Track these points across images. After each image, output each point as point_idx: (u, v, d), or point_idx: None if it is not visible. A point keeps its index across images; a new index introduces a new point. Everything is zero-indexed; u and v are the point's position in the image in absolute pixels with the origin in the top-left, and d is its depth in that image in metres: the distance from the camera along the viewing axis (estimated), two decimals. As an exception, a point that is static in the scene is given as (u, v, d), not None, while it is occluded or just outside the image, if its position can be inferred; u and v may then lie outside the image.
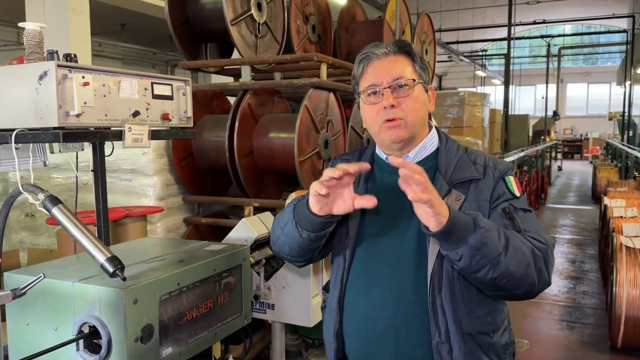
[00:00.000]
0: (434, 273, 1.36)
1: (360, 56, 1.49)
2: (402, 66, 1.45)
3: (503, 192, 1.44)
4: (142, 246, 1.94)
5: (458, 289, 1.37)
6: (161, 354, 1.52)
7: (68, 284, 1.47)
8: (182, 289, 1.60)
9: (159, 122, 1.78)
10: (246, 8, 3.68)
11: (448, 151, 1.50)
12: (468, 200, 1.41)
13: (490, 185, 1.44)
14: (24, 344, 1.55)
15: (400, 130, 1.43)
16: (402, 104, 1.42)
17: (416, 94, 1.44)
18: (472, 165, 1.47)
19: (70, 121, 1.50)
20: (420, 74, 1.46)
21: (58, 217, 1.48)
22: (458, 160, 1.48)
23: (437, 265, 1.36)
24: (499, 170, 1.48)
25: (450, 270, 1.36)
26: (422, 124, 1.47)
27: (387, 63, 1.45)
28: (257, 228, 2.28)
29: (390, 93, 1.42)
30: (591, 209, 11.33)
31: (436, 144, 1.52)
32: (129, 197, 3.72)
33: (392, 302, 1.41)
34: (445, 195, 1.40)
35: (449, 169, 1.45)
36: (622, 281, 4.06)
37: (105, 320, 1.42)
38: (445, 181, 1.43)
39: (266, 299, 2.27)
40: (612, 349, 4.23)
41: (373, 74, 1.45)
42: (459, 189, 1.42)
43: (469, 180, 1.43)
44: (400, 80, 1.42)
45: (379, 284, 1.43)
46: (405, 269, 1.41)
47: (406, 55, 1.47)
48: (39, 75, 1.46)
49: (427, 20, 6.24)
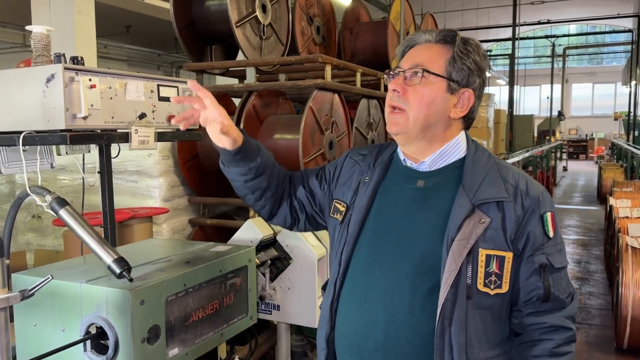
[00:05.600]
0: (446, 302, 1.20)
1: (406, 41, 1.37)
2: (431, 55, 1.29)
3: (540, 234, 1.26)
4: (148, 247, 1.95)
5: (472, 324, 1.22)
6: (168, 355, 1.53)
7: (75, 285, 1.48)
8: (188, 290, 1.61)
9: (164, 124, 1.79)
10: (251, 10, 3.69)
11: (475, 163, 1.30)
12: (493, 228, 1.23)
13: (517, 215, 1.24)
14: (31, 345, 1.56)
15: (400, 122, 1.29)
16: (408, 94, 1.28)
17: (425, 88, 1.27)
18: (502, 182, 1.27)
19: (77, 123, 1.52)
20: (450, 71, 1.28)
21: (65, 219, 1.49)
22: (486, 174, 1.28)
23: (451, 294, 1.20)
24: (530, 198, 1.26)
25: (465, 302, 1.21)
26: (429, 125, 1.29)
27: (421, 49, 1.32)
28: (263, 229, 2.29)
29: (402, 78, 1.29)
30: (597, 210, 11.28)
31: (462, 152, 1.33)
32: (135, 199, 3.73)
33: (384, 322, 1.27)
34: (467, 216, 1.22)
35: (474, 184, 1.26)
36: (628, 282, 4.05)
37: (112, 321, 1.43)
38: (469, 199, 1.24)
39: (272, 299, 2.28)
40: (618, 350, 4.22)
41: (405, 58, 1.33)
42: (484, 210, 1.23)
43: (497, 201, 1.25)
44: (418, 67, 1.27)
45: (373, 299, 1.30)
46: (402, 288, 1.26)
47: (446, 45, 1.29)
48: (46, 78, 1.48)
49: (432, 21, 6.24)
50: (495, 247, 1.22)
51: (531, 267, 1.25)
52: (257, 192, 1.46)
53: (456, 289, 1.20)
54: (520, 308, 1.27)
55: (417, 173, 1.35)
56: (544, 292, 1.24)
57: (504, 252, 1.22)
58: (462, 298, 1.21)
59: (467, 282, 1.21)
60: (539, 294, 1.25)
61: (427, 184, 1.32)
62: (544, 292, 1.24)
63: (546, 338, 1.26)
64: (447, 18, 17.41)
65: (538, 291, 1.25)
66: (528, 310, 1.27)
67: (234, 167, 1.41)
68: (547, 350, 1.25)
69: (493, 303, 1.24)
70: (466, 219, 1.22)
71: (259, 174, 1.42)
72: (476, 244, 1.21)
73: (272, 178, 1.46)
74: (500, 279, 1.23)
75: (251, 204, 1.53)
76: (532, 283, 1.25)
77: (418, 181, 1.33)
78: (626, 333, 4.07)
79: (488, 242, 1.22)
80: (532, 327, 1.27)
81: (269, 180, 1.45)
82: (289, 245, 2.29)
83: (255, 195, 1.48)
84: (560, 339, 1.26)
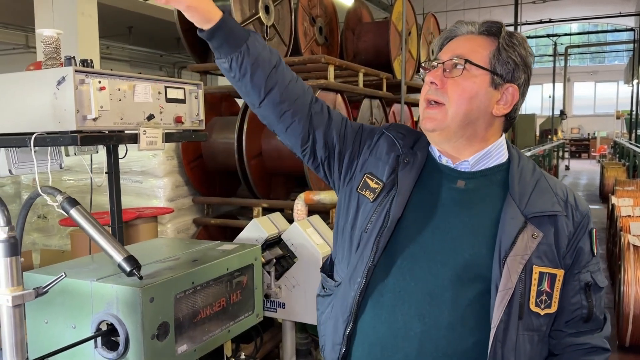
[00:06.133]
0: (500, 323, 1.11)
1: (446, 32, 1.28)
2: (474, 46, 1.20)
3: (587, 251, 1.20)
4: (156, 246, 1.98)
5: (521, 347, 1.14)
6: (177, 351, 1.56)
7: (86, 283, 1.51)
8: (196, 288, 1.64)
9: (172, 125, 1.82)
10: (254, 11, 3.72)
11: (523, 171, 1.22)
12: (546, 243, 1.15)
13: (568, 230, 1.18)
14: (43, 342, 1.59)
15: (437, 117, 1.19)
16: (447, 87, 1.18)
17: (468, 81, 1.17)
18: (553, 195, 1.20)
19: (88, 125, 1.55)
20: (494, 64, 1.18)
21: (76, 219, 1.52)
22: (536, 184, 1.20)
23: (505, 314, 1.11)
24: (580, 214, 1.21)
25: (517, 323, 1.13)
26: (470, 121, 1.19)
27: (462, 41, 1.22)
28: (268, 228, 2.32)
29: (441, 70, 1.19)
30: (599, 208, 11.28)
31: (504, 157, 1.25)
32: (140, 199, 3.77)
33: (419, 334, 1.15)
34: (520, 231, 1.13)
35: (524, 194, 1.17)
36: (630, 280, 4.07)
37: (122, 318, 1.46)
38: (520, 211, 1.15)
39: (277, 297, 2.31)
40: (621, 347, 4.23)
41: (444, 50, 1.23)
42: (536, 224, 1.15)
43: (549, 215, 1.17)
44: (459, 59, 1.17)
45: (406, 308, 1.16)
46: (441, 298, 1.14)
47: (490, 37, 1.20)
48: (57, 81, 1.51)
49: (433, 20, 6.27)
50: (549, 265, 1.15)
51: (577, 285, 1.19)
52: (268, 90, 1.23)
53: (510, 309, 1.12)
54: (562, 328, 1.21)
55: (457, 172, 1.24)
56: (587, 311, 1.20)
57: (556, 270, 1.16)
58: (514, 319, 1.12)
59: (519, 302, 1.13)
60: (583, 314, 1.20)
61: (468, 185, 1.22)
62: (588, 312, 1.20)
63: (586, 359, 1.22)
64: (449, 17, 17.41)
65: (582, 310, 1.20)
66: (570, 330, 1.21)
67: (217, 58, 1.22)
68: None
69: (542, 324, 1.17)
70: (520, 232, 1.13)
71: (251, 70, 1.20)
72: (529, 261, 1.13)
73: (276, 81, 1.24)
74: (551, 298, 1.16)
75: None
76: (576, 302, 1.20)
77: (458, 181, 1.23)
78: (628, 331, 4.09)
79: (542, 259, 1.15)
80: (573, 347, 1.21)
81: (268, 79, 1.22)
82: (294, 244, 2.32)
83: (267, 93, 1.23)
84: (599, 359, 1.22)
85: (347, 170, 1.31)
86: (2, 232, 1.22)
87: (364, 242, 1.21)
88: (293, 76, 1.28)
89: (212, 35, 1.17)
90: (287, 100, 1.24)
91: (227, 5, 3.56)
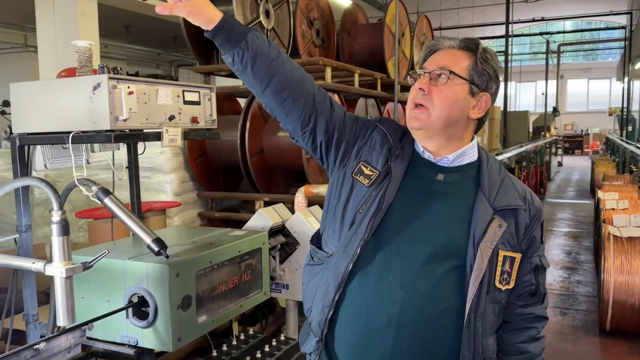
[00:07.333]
0: (474, 297, 1.35)
1: (429, 46, 1.47)
2: (455, 59, 1.40)
3: (538, 239, 1.46)
4: (176, 232, 2.22)
5: (487, 316, 1.39)
6: (197, 320, 1.80)
7: (120, 262, 1.74)
8: (213, 267, 1.87)
9: (189, 125, 2.05)
10: (255, 15, 3.94)
11: (491, 169, 1.45)
12: (509, 232, 1.39)
13: (525, 222, 1.42)
14: (80, 315, 1.80)
15: (421, 118, 1.38)
16: (433, 93, 1.38)
17: (450, 89, 1.37)
18: (515, 191, 1.44)
19: (119, 125, 1.78)
20: (472, 76, 1.39)
21: (110, 206, 1.75)
22: (502, 182, 1.43)
23: (478, 290, 1.35)
24: (535, 208, 1.46)
25: (485, 297, 1.37)
26: (450, 123, 1.39)
27: (445, 54, 1.42)
28: (273, 218, 2.55)
29: (428, 78, 1.39)
30: (589, 203, 11.55)
31: (475, 156, 1.47)
32: (148, 193, 3.99)
33: (401, 300, 1.34)
34: (490, 222, 1.37)
35: (492, 190, 1.41)
36: (610, 268, 4.32)
37: (152, 291, 1.69)
38: (490, 204, 1.39)
39: (281, 280, 2.54)
40: (602, 332, 4.49)
41: (428, 60, 1.43)
42: (502, 216, 1.39)
43: (512, 209, 1.41)
44: (444, 70, 1.37)
45: (390, 278, 1.36)
46: (420, 271, 1.35)
47: (468, 52, 1.41)
48: (93, 86, 1.74)
49: (426, 22, 6.49)
50: (510, 249, 1.40)
51: (529, 266, 1.44)
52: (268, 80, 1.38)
53: (481, 286, 1.35)
54: (514, 300, 1.46)
55: (438, 167, 1.44)
56: (535, 288, 1.45)
57: (515, 254, 1.41)
58: (484, 294, 1.36)
59: (488, 280, 1.36)
60: (531, 290, 1.46)
61: (446, 178, 1.43)
62: (535, 288, 1.45)
63: (531, 326, 1.48)
64: (443, 16, 17.62)
65: (531, 287, 1.45)
66: (520, 302, 1.46)
67: (223, 54, 1.38)
68: (531, 336, 1.48)
69: (502, 297, 1.42)
70: (490, 222, 1.36)
71: (251, 62, 1.35)
72: (496, 246, 1.37)
73: (276, 71, 1.38)
74: (510, 276, 1.41)
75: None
76: (527, 280, 1.44)
77: (438, 174, 1.43)
78: (608, 316, 4.35)
79: (506, 245, 1.39)
80: (521, 316, 1.47)
81: (268, 70, 1.37)
82: (297, 231, 2.55)
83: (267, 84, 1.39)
84: (540, 326, 1.49)
85: (343, 155, 1.48)
86: (56, 215, 1.45)
87: (359, 221, 1.40)
88: (294, 67, 1.43)
89: (215, 34, 1.34)
90: (287, 89, 1.40)
91: (230, 9, 3.78)
